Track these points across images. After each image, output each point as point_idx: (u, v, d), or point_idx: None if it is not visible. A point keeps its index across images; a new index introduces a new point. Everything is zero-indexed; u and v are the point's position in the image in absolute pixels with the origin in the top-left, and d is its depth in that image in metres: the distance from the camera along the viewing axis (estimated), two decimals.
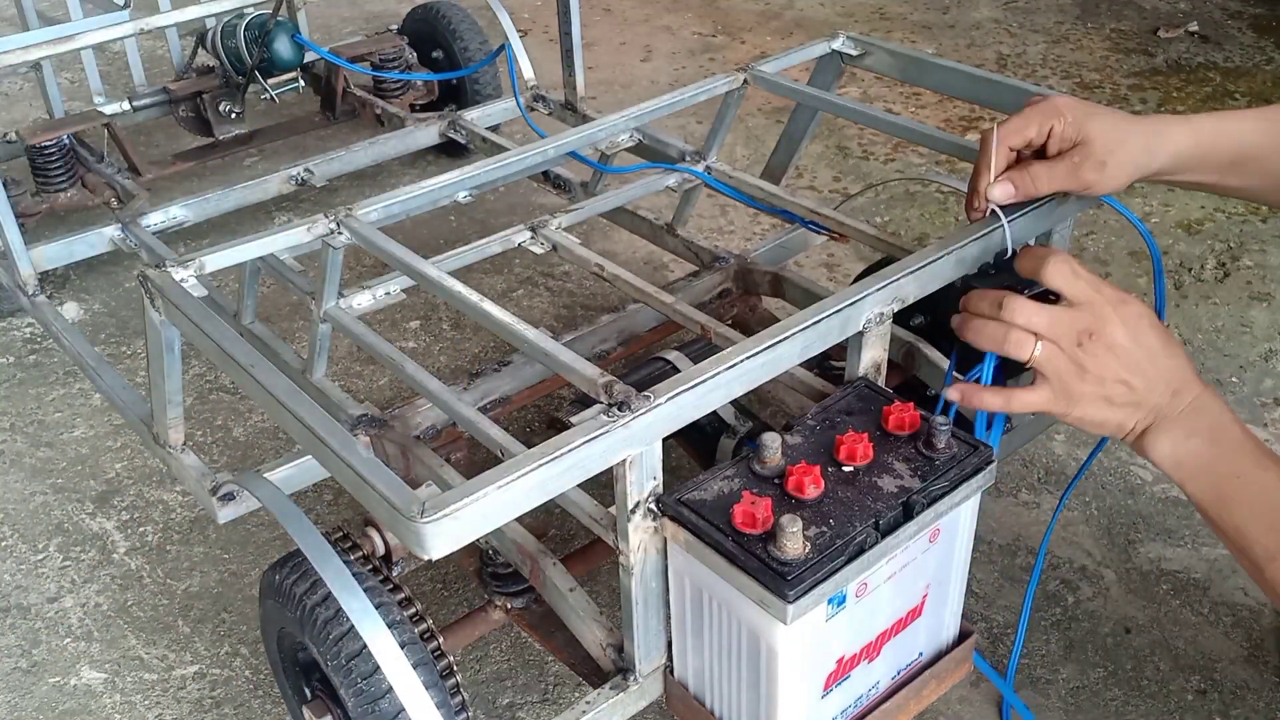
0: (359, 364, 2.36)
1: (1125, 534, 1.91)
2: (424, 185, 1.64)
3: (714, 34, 3.98)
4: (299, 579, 1.35)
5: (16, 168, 2.65)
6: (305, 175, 2.51)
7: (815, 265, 2.60)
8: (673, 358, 1.65)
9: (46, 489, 2.10)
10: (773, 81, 1.90)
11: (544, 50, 3.63)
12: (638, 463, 1.16)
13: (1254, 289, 2.50)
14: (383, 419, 1.64)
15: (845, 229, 1.69)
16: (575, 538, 1.85)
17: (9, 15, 3.71)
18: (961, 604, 1.36)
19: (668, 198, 1.99)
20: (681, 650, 1.31)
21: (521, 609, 1.50)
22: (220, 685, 1.72)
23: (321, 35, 3.66)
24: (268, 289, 2.53)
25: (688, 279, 1.99)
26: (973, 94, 1.83)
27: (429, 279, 1.45)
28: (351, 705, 1.30)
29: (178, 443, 1.64)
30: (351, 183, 2.99)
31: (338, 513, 1.99)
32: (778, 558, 1.10)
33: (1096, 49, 3.71)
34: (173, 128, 2.98)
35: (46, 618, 1.85)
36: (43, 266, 2.29)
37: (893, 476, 1.20)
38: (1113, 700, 1.64)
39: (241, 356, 1.27)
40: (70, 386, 2.35)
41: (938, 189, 2.88)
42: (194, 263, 1.48)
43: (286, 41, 2.63)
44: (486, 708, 1.66)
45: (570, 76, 2.68)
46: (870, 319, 1.34)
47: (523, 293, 2.58)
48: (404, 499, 1.03)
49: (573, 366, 1.25)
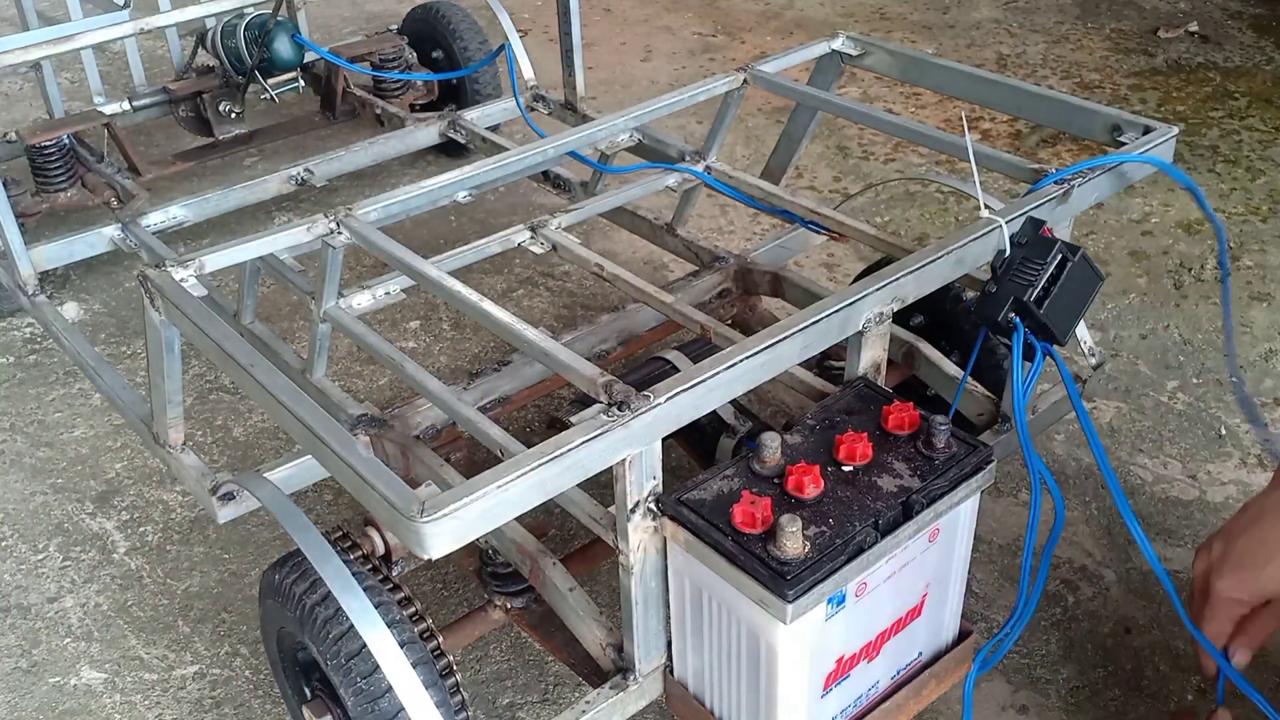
0: (359, 364, 2.36)
1: (1125, 534, 1.90)
2: (424, 185, 1.64)
3: (714, 34, 3.98)
4: (299, 579, 1.35)
5: (16, 168, 2.65)
6: (305, 175, 2.51)
7: (815, 265, 2.60)
8: (672, 358, 1.65)
9: (46, 489, 2.10)
10: (773, 81, 1.90)
11: (544, 50, 3.63)
12: (637, 462, 1.16)
13: (1254, 289, 2.50)
14: (383, 419, 1.64)
15: (845, 229, 1.70)
16: (575, 538, 1.85)
17: (9, 15, 3.71)
18: (961, 604, 1.36)
19: (668, 198, 1.99)
20: (681, 650, 1.31)
21: (521, 609, 1.50)
22: (220, 685, 1.72)
23: (321, 35, 3.66)
24: (268, 289, 2.53)
25: (688, 279, 1.99)
26: (973, 94, 1.83)
27: (429, 279, 1.45)
28: (351, 704, 1.30)
29: (178, 443, 1.64)
30: (351, 183, 2.99)
31: (338, 513, 1.99)
32: (777, 557, 1.10)
33: (1096, 49, 3.71)
34: (173, 128, 2.98)
35: (46, 618, 1.85)
36: (43, 266, 2.29)
37: (892, 476, 1.20)
38: (1113, 700, 1.64)
39: (241, 356, 1.27)
40: (70, 386, 2.35)
41: (938, 189, 2.88)
42: (194, 263, 1.48)
43: (286, 41, 2.63)
44: (486, 707, 1.66)
45: (570, 76, 2.68)
46: (870, 319, 1.34)
47: (523, 293, 2.58)
48: (404, 499, 1.03)
49: (572, 366, 1.25)
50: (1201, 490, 1.98)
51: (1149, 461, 2.05)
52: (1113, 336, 2.36)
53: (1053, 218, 1.47)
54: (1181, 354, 2.31)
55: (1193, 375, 2.25)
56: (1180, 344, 2.34)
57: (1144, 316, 2.42)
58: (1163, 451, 2.06)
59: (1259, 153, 3.06)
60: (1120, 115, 1.63)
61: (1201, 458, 2.05)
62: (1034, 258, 1.36)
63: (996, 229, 1.37)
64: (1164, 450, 2.07)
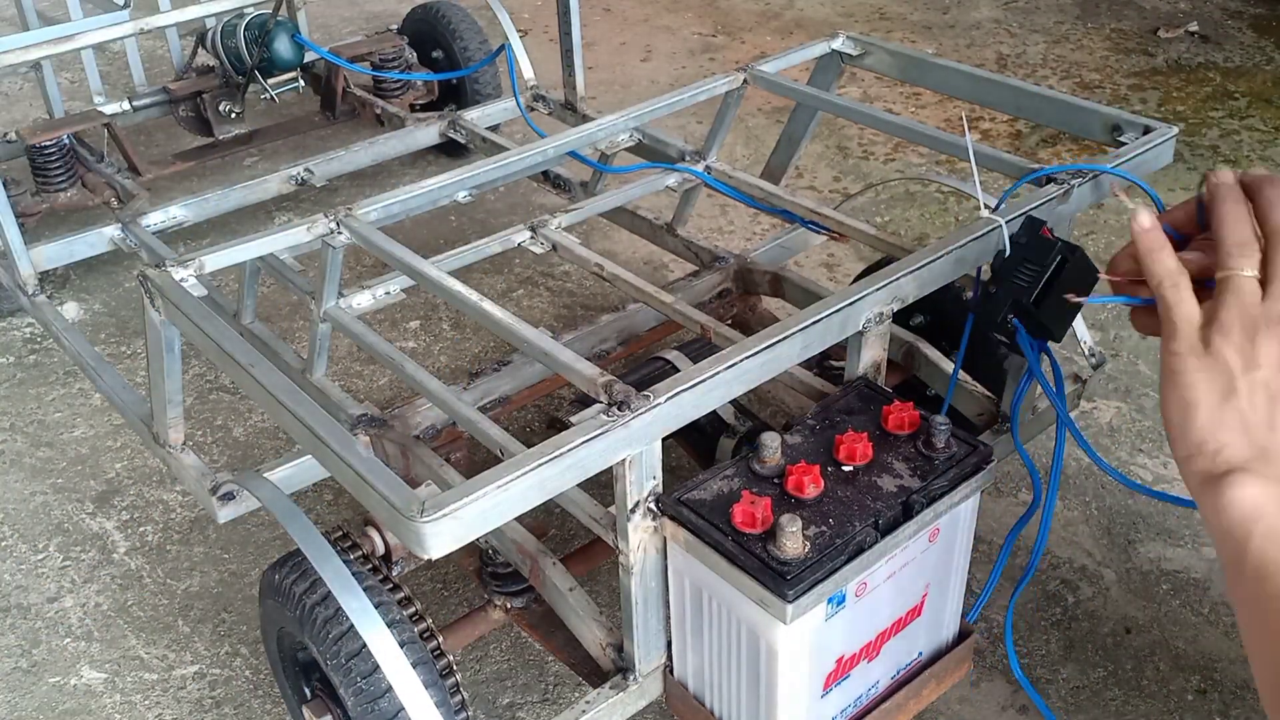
0: (359, 364, 2.36)
1: (1125, 534, 1.91)
2: (424, 185, 1.64)
3: (714, 34, 3.98)
4: (299, 579, 1.35)
5: (16, 168, 2.65)
6: (305, 175, 2.51)
7: (815, 265, 2.60)
8: (672, 357, 1.65)
9: (46, 489, 2.10)
10: (773, 81, 1.90)
11: (544, 50, 3.63)
12: (637, 462, 1.16)
13: None
14: (383, 419, 1.64)
15: (845, 229, 1.69)
16: (575, 537, 1.85)
17: (9, 15, 3.71)
18: (961, 604, 1.36)
19: (668, 198, 1.99)
20: (681, 650, 1.31)
21: (521, 609, 1.50)
22: (220, 685, 1.72)
23: (321, 35, 3.66)
24: (268, 289, 2.53)
25: (688, 279, 1.99)
26: (973, 94, 1.83)
27: (429, 279, 1.45)
28: (351, 704, 1.30)
29: (178, 442, 1.64)
30: (351, 183, 2.99)
31: (338, 512, 1.99)
32: (777, 557, 1.10)
33: (1096, 49, 3.71)
34: (173, 128, 2.98)
35: (46, 618, 1.85)
36: (43, 266, 2.29)
37: (892, 476, 1.20)
38: (1112, 700, 1.64)
39: (241, 356, 1.27)
40: (70, 386, 2.35)
41: (938, 189, 2.88)
42: (194, 262, 1.48)
43: (286, 41, 2.63)
44: (486, 707, 1.66)
45: (570, 76, 2.68)
46: (870, 319, 1.34)
47: (523, 293, 2.58)
48: (404, 499, 1.03)
49: (572, 366, 1.25)
50: None
51: (1149, 461, 2.05)
52: (1113, 336, 2.36)
53: (1052, 218, 1.47)
54: None
55: None
56: None
57: None
58: (1162, 451, 2.06)
59: (1259, 153, 3.06)
60: (1120, 115, 1.63)
61: None
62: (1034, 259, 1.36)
63: (996, 229, 1.37)
64: (1164, 450, 2.07)
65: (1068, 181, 1.49)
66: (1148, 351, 2.31)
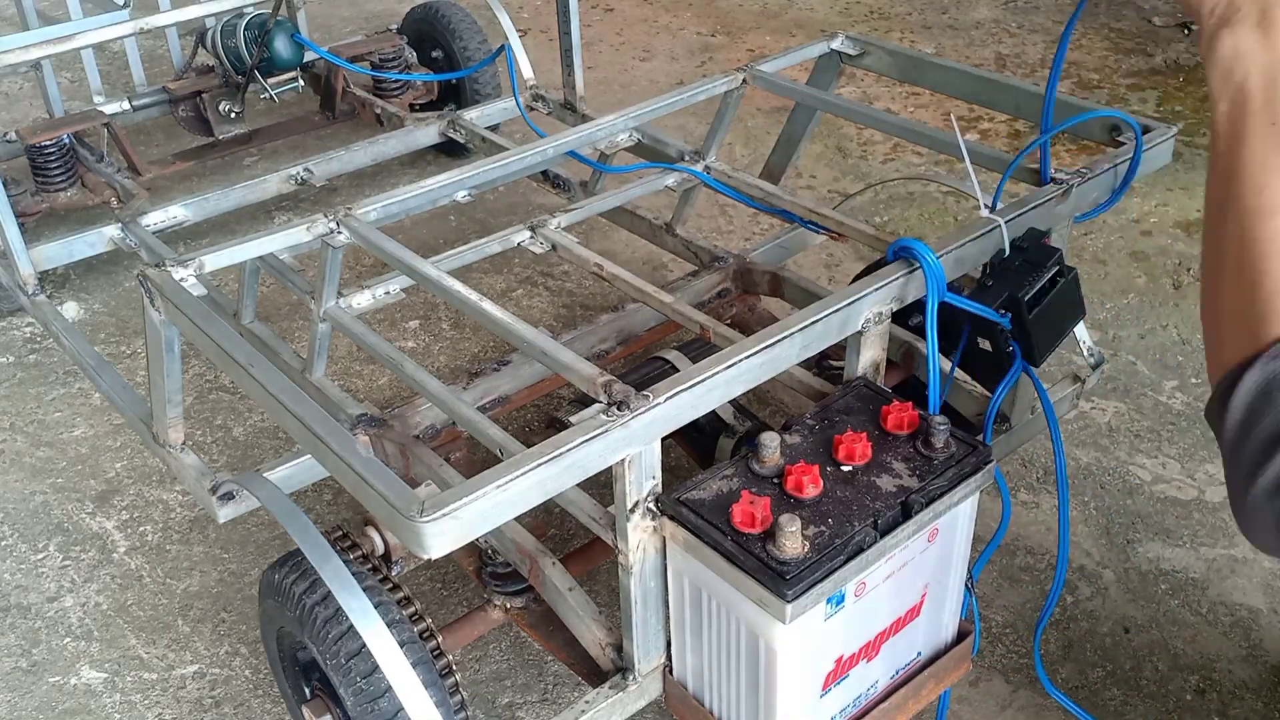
0: (359, 364, 2.36)
1: (1124, 534, 1.91)
2: (424, 185, 1.64)
3: (714, 34, 3.98)
4: (298, 578, 1.35)
5: (16, 167, 2.65)
6: (305, 175, 2.51)
7: (815, 265, 2.60)
8: (672, 357, 1.65)
9: (46, 489, 2.10)
10: (772, 81, 1.90)
11: (544, 50, 3.63)
12: (637, 462, 1.16)
13: None
14: (382, 419, 1.64)
15: (844, 229, 1.70)
16: (575, 537, 1.85)
17: (9, 15, 3.71)
18: (960, 603, 1.36)
19: (667, 197, 1.99)
20: (680, 649, 1.31)
21: (521, 608, 1.50)
22: (220, 685, 1.72)
23: (321, 35, 3.66)
24: (267, 289, 2.53)
25: (687, 279, 1.99)
26: (972, 94, 1.83)
27: (429, 278, 1.45)
28: (351, 704, 1.30)
29: (178, 442, 1.64)
30: (351, 183, 2.99)
31: (337, 512, 1.99)
32: (776, 557, 1.10)
33: (1096, 49, 3.71)
34: (173, 127, 2.98)
35: (46, 617, 1.85)
36: (43, 266, 2.29)
37: (891, 476, 1.20)
38: (1112, 700, 1.64)
39: (241, 356, 1.27)
40: (70, 386, 2.35)
41: (937, 189, 2.88)
42: (194, 262, 1.49)
43: (286, 41, 2.63)
44: (486, 707, 1.67)
45: (570, 76, 2.68)
46: (869, 319, 1.34)
47: (522, 292, 2.58)
48: (403, 498, 1.03)
49: (572, 366, 1.25)
50: (1200, 490, 1.98)
51: (1148, 461, 2.05)
52: (1112, 336, 2.36)
53: (1052, 218, 1.48)
54: (1180, 354, 2.31)
55: (1191, 375, 2.25)
56: (1179, 344, 2.34)
57: (1143, 316, 2.43)
58: (1161, 451, 2.07)
59: None
60: (1119, 115, 1.63)
61: (1200, 457, 2.05)
62: (1033, 262, 1.37)
63: (996, 229, 1.37)
64: (1163, 450, 2.07)
65: (1068, 181, 1.50)
66: (1147, 351, 2.32)
